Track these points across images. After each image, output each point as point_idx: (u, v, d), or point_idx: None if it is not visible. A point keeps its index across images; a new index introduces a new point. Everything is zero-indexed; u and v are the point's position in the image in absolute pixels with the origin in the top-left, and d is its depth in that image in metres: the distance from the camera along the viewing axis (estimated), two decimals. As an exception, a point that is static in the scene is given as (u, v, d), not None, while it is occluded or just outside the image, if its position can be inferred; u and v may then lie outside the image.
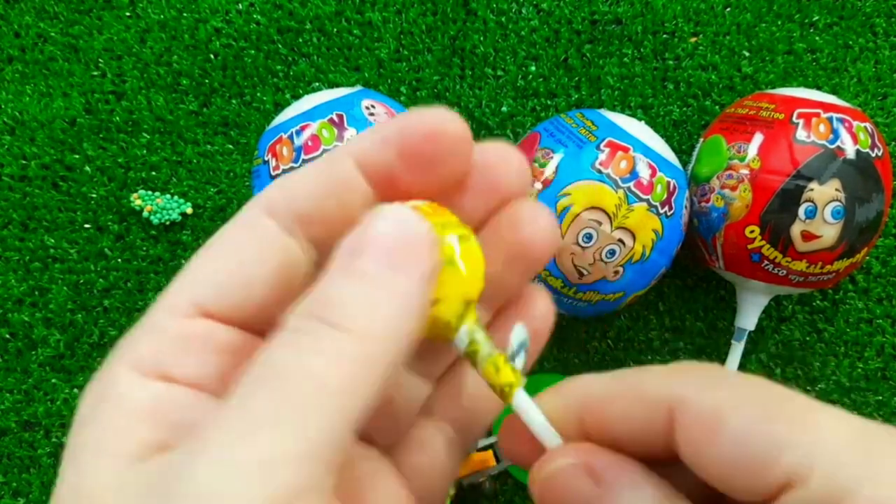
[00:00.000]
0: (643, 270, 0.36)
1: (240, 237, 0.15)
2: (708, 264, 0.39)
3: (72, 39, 0.44)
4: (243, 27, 0.44)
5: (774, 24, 0.43)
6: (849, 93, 0.43)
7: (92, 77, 0.44)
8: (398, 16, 0.44)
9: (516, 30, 0.44)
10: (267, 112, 0.44)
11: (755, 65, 0.43)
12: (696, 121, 0.43)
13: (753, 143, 0.36)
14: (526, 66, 0.44)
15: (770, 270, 0.36)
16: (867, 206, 0.35)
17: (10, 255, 0.44)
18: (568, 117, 0.37)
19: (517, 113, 0.43)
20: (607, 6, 0.44)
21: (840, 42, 0.43)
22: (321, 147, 0.34)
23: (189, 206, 0.43)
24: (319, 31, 0.44)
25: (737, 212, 0.36)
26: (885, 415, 0.43)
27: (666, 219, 0.35)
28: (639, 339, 0.44)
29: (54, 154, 0.44)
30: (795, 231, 0.35)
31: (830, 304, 0.43)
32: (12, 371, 0.43)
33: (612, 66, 0.43)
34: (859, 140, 0.35)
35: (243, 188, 0.44)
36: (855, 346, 0.43)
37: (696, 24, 0.44)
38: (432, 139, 0.15)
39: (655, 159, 0.35)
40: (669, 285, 0.43)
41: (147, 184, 0.44)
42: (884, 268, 0.43)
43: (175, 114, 0.44)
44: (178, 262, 0.43)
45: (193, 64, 0.44)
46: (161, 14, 0.44)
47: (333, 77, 0.44)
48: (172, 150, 0.44)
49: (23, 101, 0.44)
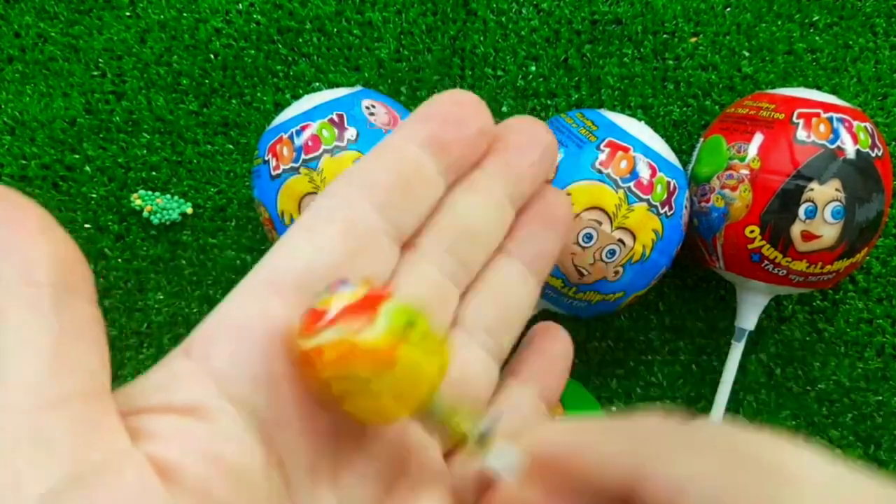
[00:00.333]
0: (643, 270, 0.36)
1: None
2: (708, 264, 0.39)
3: (72, 39, 0.44)
4: (243, 27, 0.44)
5: (774, 24, 0.43)
6: (849, 93, 0.43)
7: (92, 77, 0.44)
8: (398, 16, 0.44)
9: (516, 30, 0.44)
10: (267, 112, 0.44)
11: (755, 65, 0.43)
12: (696, 121, 0.43)
13: (753, 143, 0.36)
14: (526, 66, 0.44)
15: (770, 270, 0.36)
16: (867, 206, 0.35)
17: (10, 255, 0.44)
18: (568, 117, 0.37)
19: (517, 113, 0.43)
20: (607, 6, 0.44)
21: (840, 42, 0.43)
22: (321, 147, 0.34)
23: (189, 206, 0.43)
24: (319, 31, 0.44)
25: (737, 212, 0.36)
26: (885, 415, 0.43)
27: (666, 219, 0.35)
28: (639, 339, 0.44)
29: (54, 154, 0.44)
30: (795, 231, 0.35)
31: (830, 304, 0.43)
32: (12, 371, 0.43)
33: (612, 66, 0.43)
34: (859, 140, 0.35)
35: (243, 188, 0.44)
36: (855, 346, 0.43)
37: (696, 24, 0.44)
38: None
39: (655, 159, 0.35)
40: (669, 285, 0.43)
41: (147, 184, 0.44)
42: (884, 268, 0.43)
43: (175, 114, 0.44)
44: (178, 262, 0.43)
45: (193, 64, 0.44)
46: (161, 14, 0.44)
47: (333, 77, 0.44)
48: (172, 150, 0.44)
49: (23, 101, 0.44)
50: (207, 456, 0.14)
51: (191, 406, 0.15)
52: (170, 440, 0.14)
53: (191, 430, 0.15)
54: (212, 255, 0.43)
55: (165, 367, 0.16)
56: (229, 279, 0.43)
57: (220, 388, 0.15)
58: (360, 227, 0.17)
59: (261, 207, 0.36)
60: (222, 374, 0.15)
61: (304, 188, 0.34)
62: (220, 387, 0.15)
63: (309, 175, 0.34)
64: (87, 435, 0.13)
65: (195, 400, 0.15)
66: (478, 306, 0.20)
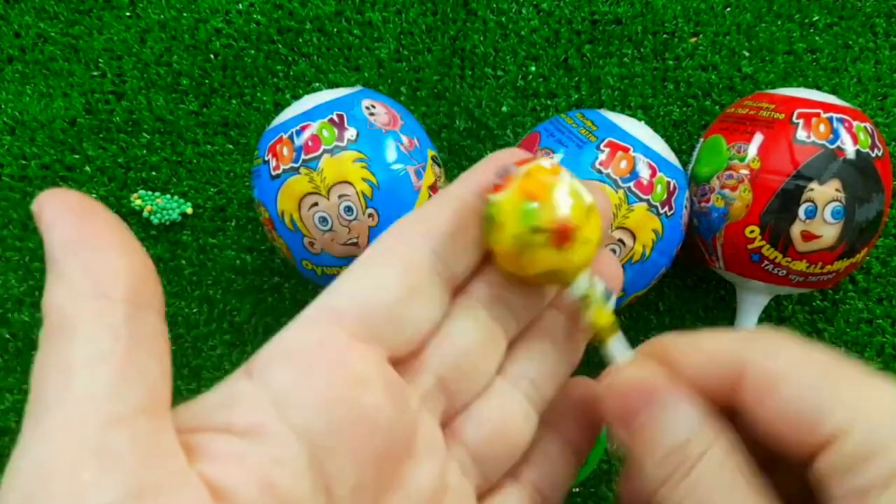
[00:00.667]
0: (643, 270, 0.36)
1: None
2: (708, 264, 0.39)
3: (72, 39, 0.44)
4: (243, 27, 0.44)
5: (774, 24, 0.43)
6: (849, 93, 0.43)
7: (92, 77, 0.44)
8: (398, 16, 0.44)
9: (516, 30, 0.44)
10: (267, 112, 0.44)
11: (755, 65, 0.43)
12: (696, 121, 0.43)
13: (753, 143, 0.36)
14: (526, 66, 0.44)
15: (770, 270, 0.36)
16: (867, 206, 0.35)
17: (10, 255, 0.44)
18: (568, 117, 0.37)
19: (517, 113, 0.43)
20: (607, 6, 0.44)
21: (840, 42, 0.43)
22: (321, 147, 0.34)
23: (189, 206, 0.43)
24: (319, 31, 0.44)
25: (737, 212, 0.36)
26: (885, 415, 0.43)
27: (666, 219, 0.35)
28: (639, 340, 0.44)
29: (54, 154, 0.44)
30: (795, 231, 0.35)
31: (830, 304, 0.43)
32: (12, 371, 0.43)
33: (612, 66, 0.43)
34: (859, 140, 0.35)
35: (243, 188, 0.44)
36: (855, 346, 0.43)
37: (696, 24, 0.44)
38: None
39: (655, 159, 0.35)
40: (669, 285, 0.43)
41: (147, 184, 0.44)
42: (884, 268, 0.43)
43: (175, 114, 0.44)
44: (178, 262, 0.43)
45: (193, 64, 0.44)
46: (161, 14, 0.44)
47: (333, 77, 0.44)
48: (172, 150, 0.44)
49: (23, 101, 0.44)
50: (260, 482, 0.15)
51: (249, 428, 0.15)
52: (226, 462, 0.15)
53: (247, 453, 0.15)
54: (212, 255, 0.43)
55: (226, 386, 0.16)
56: (229, 279, 0.43)
57: (279, 411, 0.16)
58: (418, 268, 0.18)
59: (261, 207, 0.36)
60: (281, 397, 0.16)
61: (304, 188, 0.34)
62: (278, 410, 0.16)
63: (309, 175, 0.34)
64: (149, 452, 0.13)
65: (254, 422, 0.15)
66: (525, 355, 0.20)
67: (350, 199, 0.34)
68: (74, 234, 0.14)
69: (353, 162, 0.34)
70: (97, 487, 0.12)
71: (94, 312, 0.14)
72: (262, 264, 0.43)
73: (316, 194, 0.34)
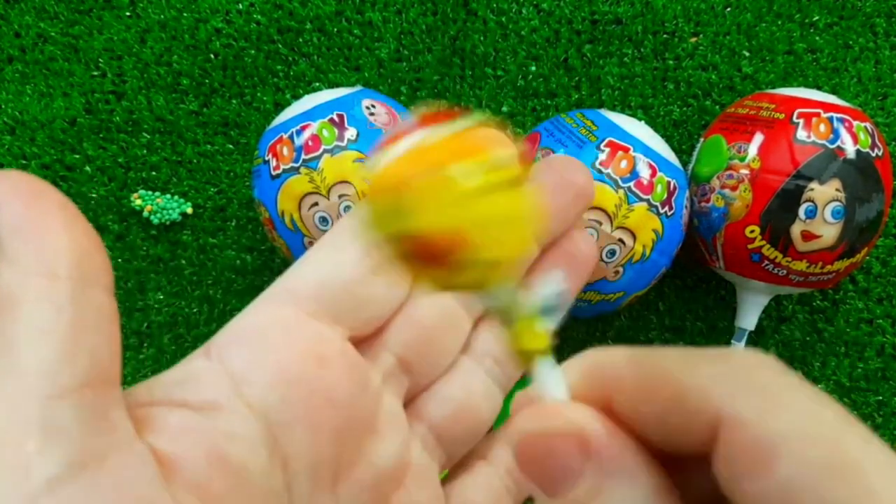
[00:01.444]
0: (643, 270, 0.36)
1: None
2: (708, 264, 0.39)
3: (72, 39, 0.44)
4: (243, 27, 0.44)
5: (774, 24, 0.43)
6: (849, 93, 0.43)
7: (92, 77, 0.44)
8: (398, 16, 0.44)
9: (516, 30, 0.44)
10: (267, 112, 0.44)
11: (755, 65, 0.43)
12: (696, 121, 0.43)
13: (753, 143, 0.36)
14: (526, 66, 0.44)
15: (770, 270, 0.36)
16: (867, 206, 0.35)
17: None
18: (568, 117, 0.37)
19: (517, 113, 0.43)
20: (607, 6, 0.44)
21: (840, 42, 0.43)
22: (321, 147, 0.34)
23: (189, 206, 0.43)
24: (319, 31, 0.44)
25: (737, 212, 0.36)
26: (885, 415, 0.43)
27: (666, 219, 0.35)
28: (639, 340, 0.44)
29: (54, 154, 0.44)
30: (795, 231, 0.35)
31: (830, 304, 0.43)
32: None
33: (612, 66, 0.43)
34: (859, 140, 0.35)
35: (243, 188, 0.44)
36: (855, 346, 0.43)
37: (697, 24, 0.44)
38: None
39: (655, 159, 0.35)
40: (669, 285, 0.43)
41: (147, 184, 0.44)
42: (884, 268, 0.43)
43: (175, 114, 0.44)
44: (178, 262, 0.43)
45: (193, 64, 0.44)
46: (161, 14, 0.44)
47: (333, 77, 0.44)
48: (172, 150, 0.44)
49: (23, 101, 0.44)
50: (211, 453, 0.15)
51: (204, 403, 0.16)
52: (176, 434, 0.15)
53: (199, 427, 0.15)
54: (212, 255, 0.43)
55: (184, 365, 0.17)
56: (229, 279, 0.43)
57: (235, 388, 0.16)
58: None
59: (261, 207, 0.36)
60: (238, 375, 0.16)
61: (304, 188, 0.34)
62: (234, 387, 0.16)
63: (309, 175, 0.34)
64: (94, 424, 0.13)
65: (209, 398, 0.16)
66: (488, 334, 0.20)
67: (350, 198, 0.34)
68: (21, 215, 0.14)
69: (354, 162, 0.34)
70: (41, 458, 0.12)
71: (39, 289, 0.14)
72: (262, 264, 0.43)
73: (316, 194, 0.34)
